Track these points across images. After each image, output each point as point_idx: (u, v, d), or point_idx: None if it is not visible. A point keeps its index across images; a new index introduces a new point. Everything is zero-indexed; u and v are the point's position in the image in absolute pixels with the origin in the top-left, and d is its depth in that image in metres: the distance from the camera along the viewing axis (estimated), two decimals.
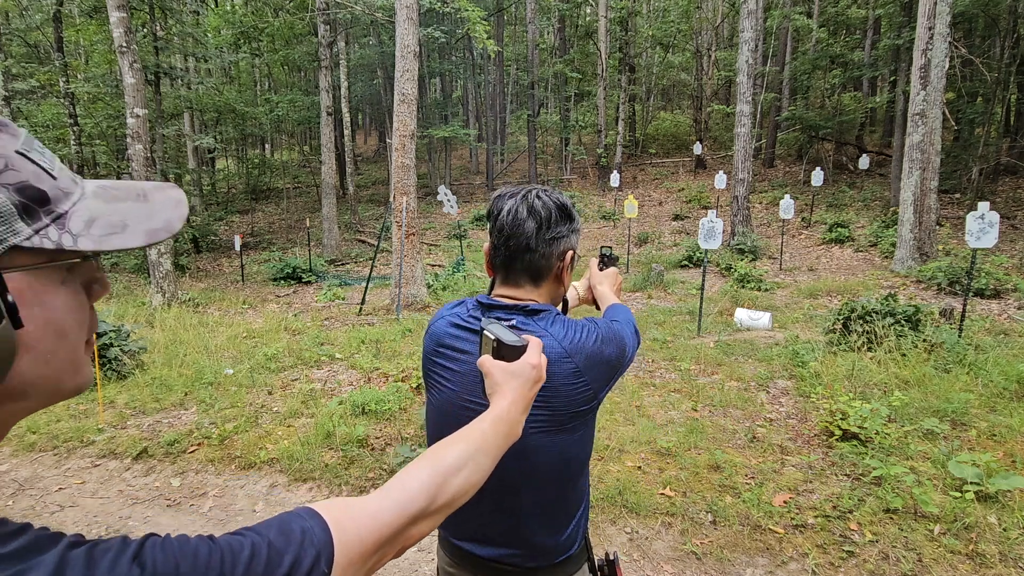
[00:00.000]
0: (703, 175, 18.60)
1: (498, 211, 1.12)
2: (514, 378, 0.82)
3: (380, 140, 27.07)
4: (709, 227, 6.78)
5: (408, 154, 8.23)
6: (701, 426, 4.03)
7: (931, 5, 9.35)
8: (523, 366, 0.83)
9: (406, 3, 7.82)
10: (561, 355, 1.03)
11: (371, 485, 3.38)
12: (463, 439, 0.73)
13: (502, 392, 0.81)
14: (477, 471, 0.71)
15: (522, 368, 0.82)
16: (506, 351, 0.84)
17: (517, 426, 0.79)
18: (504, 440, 0.76)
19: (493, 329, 0.87)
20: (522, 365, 0.83)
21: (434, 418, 1.17)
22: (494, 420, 0.76)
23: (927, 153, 9.92)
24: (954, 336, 5.20)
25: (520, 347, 0.84)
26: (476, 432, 0.74)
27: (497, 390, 0.82)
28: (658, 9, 27.61)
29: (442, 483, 0.66)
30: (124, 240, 0.49)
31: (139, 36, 13.71)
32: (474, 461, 0.71)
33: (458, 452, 0.70)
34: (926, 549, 2.68)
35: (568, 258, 1.14)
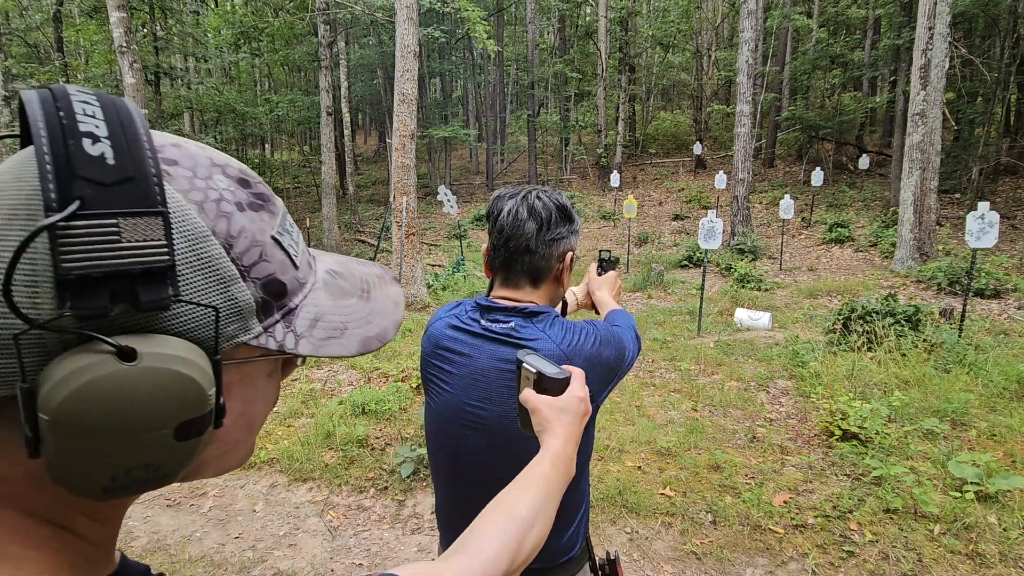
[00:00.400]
0: (703, 175, 18.59)
1: (498, 212, 1.11)
2: (564, 414, 0.78)
3: (380, 140, 27.08)
4: (709, 227, 6.78)
5: (408, 154, 8.23)
6: (701, 426, 4.03)
7: (931, 5, 9.35)
8: (572, 400, 0.80)
9: (406, 3, 7.82)
10: (559, 358, 1.03)
11: (371, 485, 3.38)
12: (529, 487, 0.70)
13: (553, 430, 0.77)
14: (548, 520, 0.69)
15: (571, 403, 0.79)
16: (548, 383, 0.80)
17: (572, 463, 0.77)
18: (564, 480, 0.74)
19: (532, 361, 0.83)
20: (570, 400, 0.80)
21: (433, 420, 1.17)
22: (553, 461, 0.74)
23: (927, 153, 9.92)
24: (954, 336, 5.19)
25: (563, 379, 0.81)
26: (540, 477, 0.71)
27: (547, 427, 0.78)
28: (658, 9, 27.61)
29: (521, 539, 0.64)
30: (340, 347, 0.45)
31: (139, 36, 13.71)
32: (545, 510, 0.69)
33: (530, 503, 0.68)
34: (926, 549, 2.68)
35: (568, 259, 1.14)
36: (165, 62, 15.40)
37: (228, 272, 0.38)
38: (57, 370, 0.32)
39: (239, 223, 0.39)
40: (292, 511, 3.16)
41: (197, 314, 0.36)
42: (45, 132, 0.32)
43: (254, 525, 3.03)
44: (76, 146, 0.32)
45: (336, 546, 2.86)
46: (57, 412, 0.31)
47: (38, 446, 0.32)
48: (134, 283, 0.33)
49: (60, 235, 0.31)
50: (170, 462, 0.37)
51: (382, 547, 2.86)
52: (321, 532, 2.96)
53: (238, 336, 0.39)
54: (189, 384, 0.35)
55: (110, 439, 0.33)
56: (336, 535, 2.94)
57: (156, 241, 0.33)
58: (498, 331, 1.08)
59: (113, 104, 0.35)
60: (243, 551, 2.80)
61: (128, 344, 0.33)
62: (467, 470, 1.13)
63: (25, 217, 0.32)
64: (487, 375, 1.07)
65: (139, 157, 0.34)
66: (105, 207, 0.32)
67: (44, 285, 0.32)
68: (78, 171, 0.31)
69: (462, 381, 1.10)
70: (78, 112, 0.33)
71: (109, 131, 0.33)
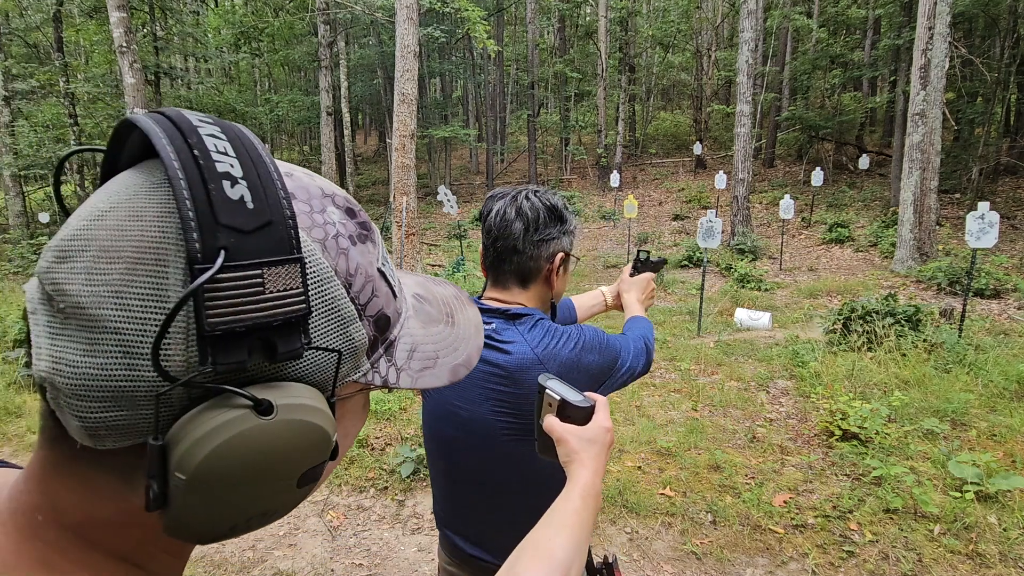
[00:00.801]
0: (703, 175, 18.59)
1: (488, 212, 1.11)
2: (593, 445, 0.77)
3: (380, 140, 27.07)
4: (708, 226, 6.79)
5: (408, 154, 8.23)
6: (701, 426, 4.03)
7: (931, 5, 9.35)
8: (599, 431, 0.78)
9: (406, 3, 7.82)
10: (533, 362, 1.02)
11: (371, 485, 3.38)
12: (563, 525, 0.69)
13: (582, 461, 0.75)
14: (583, 559, 0.68)
15: (598, 433, 0.78)
16: (572, 411, 0.79)
17: (600, 497, 0.75)
18: (594, 514, 0.73)
19: (555, 387, 0.81)
20: (598, 430, 0.78)
21: (429, 421, 1.18)
22: (584, 496, 0.72)
23: (927, 153, 9.92)
24: (954, 336, 5.19)
25: (588, 408, 0.79)
26: (572, 515, 0.70)
27: (575, 459, 0.76)
28: (658, 9, 27.61)
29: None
30: (433, 378, 0.44)
31: (139, 36, 13.71)
32: (581, 550, 0.68)
33: (566, 545, 0.66)
34: (926, 549, 2.68)
35: (558, 260, 1.12)
36: (165, 62, 15.41)
37: (348, 313, 0.37)
38: (194, 427, 0.30)
39: (355, 259, 0.38)
40: (292, 511, 3.16)
41: (319, 358, 0.35)
42: (183, 174, 0.30)
43: None
44: (217, 190, 0.30)
45: (336, 546, 2.86)
46: (196, 471, 0.30)
47: (164, 502, 0.31)
48: (272, 334, 0.31)
49: (207, 289, 0.29)
50: (287, 506, 0.36)
51: (382, 547, 2.86)
52: (321, 532, 2.96)
53: (350, 375, 0.39)
54: (319, 433, 0.34)
55: (241, 495, 0.32)
56: (336, 535, 2.94)
57: (295, 289, 0.32)
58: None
59: (238, 137, 0.33)
60: (243, 551, 2.80)
61: (261, 395, 0.32)
62: (459, 471, 1.14)
63: (154, 263, 0.30)
64: (469, 376, 1.07)
65: (275, 199, 0.32)
66: (248, 257, 0.30)
67: (185, 340, 0.30)
68: (221, 219, 0.30)
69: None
70: (211, 148, 0.31)
71: (244, 170, 0.32)
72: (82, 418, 0.30)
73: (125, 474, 0.33)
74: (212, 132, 0.32)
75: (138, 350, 0.30)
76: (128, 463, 0.33)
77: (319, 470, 0.36)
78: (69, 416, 0.30)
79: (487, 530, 1.14)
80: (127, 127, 0.34)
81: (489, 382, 1.05)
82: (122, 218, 0.31)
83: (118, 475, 0.33)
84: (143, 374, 0.30)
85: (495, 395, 1.04)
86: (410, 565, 2.72)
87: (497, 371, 1.04)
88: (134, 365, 0.30)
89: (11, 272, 11.29)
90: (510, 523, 1.11)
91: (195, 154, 0.30)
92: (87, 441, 0.31)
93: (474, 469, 1.11)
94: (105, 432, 0.30)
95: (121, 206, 0.31)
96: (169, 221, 0.31)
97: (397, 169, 8.31)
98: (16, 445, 4.02)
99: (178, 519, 0.31)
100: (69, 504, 0.34)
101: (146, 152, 0.35)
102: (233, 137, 0.33)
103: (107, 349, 0.29)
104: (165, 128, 0.31)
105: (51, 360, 0.30)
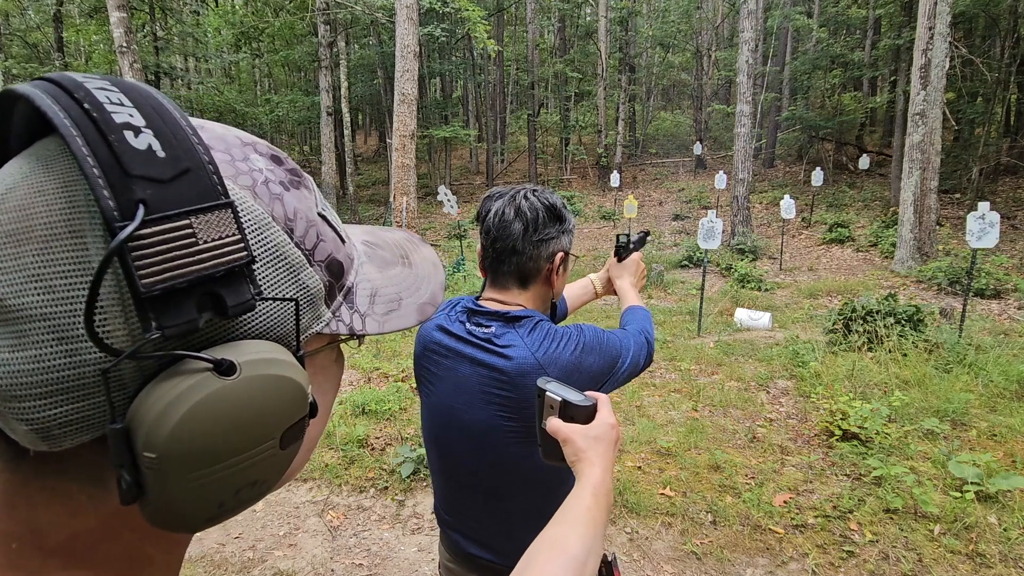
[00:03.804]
0: (703, 175, 18.59)
1: (486, 212, 1.10)
2: (599, 443, 0.76)
3: (380, 140, 27.06)
4: (708, 227, 6.78)
5: (408, 154, 8.23)
6: (701, 426, 4.03)
7: (931, 5, 9.35)
8: (605, 428, 0.78)
9: (406, 3, 7.82)
10: (534, 367, 1.01)
11: (371, 485, 3.38)
12: (577, 522, 0.68)
13: (590, 460, 0.75)
14: (598, 556, 0.68)
15: (604, 430, 0.77)
16: (574, 411, 0.78)
17: (612, 493, 0.75)
18: (607, 512, 0.72)
19: (555, 388, 0.81)
20: (603, 427, 0.78)
21: (428, 421, 1.17)
22: (595, 493, 0.71)
23: (927, 153, 9.92)
24: (954, 336, 5.19)
25: (590, 407, 0.79)
26: (585, 512, 0.70)
27: (583, 457, 0.75)
28: (658, 9, 27.61)
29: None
30: (400, 320, 0.42)
31: (139, 36, 13.71)
32: (595, 546, 0.67)
33: (581, 541, 0.66)
34: (926, 549, 2.68)
35: (558, 260, 1.11)
36: (165, 62, 15.41)
37: (296, 259, 0.35)
38: (154, 401, 0.28)
39: (291, 204, 0.36)
40: (292, 511, 3.16)
41: (275, 310, 0.33)
42: (76, 130, 0.27)
43: (254, 525, 3.03)
44: (120, 141, 0.27)
45: (336, 546, 2.86)
46: (166, 447, 0.28)
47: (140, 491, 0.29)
48: (216, 287, 0.29)
49: (133, 248, 0.26)
50: (274, 473, 0.34)
51: (382, 547, 2.86)
52: (321, 532, 2.96)
53: (312, 326, 0.37)
54: (291, 386, 0.32)
55: (222, 464, 0.30)
56: (336, 535, 2.94)
57: (231, 236, 0.29)
58: (480, 336, 1.06)
59: (135, 88, 0.30)
60: (243, 551, 2.80)
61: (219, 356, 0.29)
62: (457, 471, 1.14)
63: (68, 235, 0.27)
64: (469, 380, 1.06)
65: (188, 145, 0.29)
66: (172, 207, 0.28)
67: (123, 309, 0.28)
68: (132, 170, 0.27)
69: (447, 384, 1.09)
70: (102, 100, 0.28)
71: (145, 119, 0.29)
72: (29, 420, 0.27)
73: (96, 476, 0.31)
74: (101, 86, 0.29)
75: (73, 332, 0.27)
76: (95, 463, 0.30)
77: (300, 427, 0.34)
78: (13, 422, 0.28)
79: (487, 529, 1.14)
80: (7, 102, 0.30)
81: (491, 386, 1.04)
82: (21, 197, 0.28)
83: (89, 479, 0.31)
84: (85, 356, 0.27)
85: (497, 399, 1.04)
86: (410, 565, 2.73)
87: (499, 376, 1.03)
88: (73, 350, 0.27)
89: None
90: (510, 522, 1.11)
91: (85, 107, 0.27)
92: (41, 446, 0.28)
93: (474, 470, 1.11)
94: (58, 430, 0.28)
95: (19, 186, 0.29)
96: (76, 189, 0.28)
97: (397, 169, 8.32)
98: None
99: (159, 506, 0.29)
100: (48, 525, 0.31)
101: (38, 127, 0.31)
102: (128, 88, 0.30)
103: (38, 338, 0.27)
104: (47, 90, 0.28)
105: None
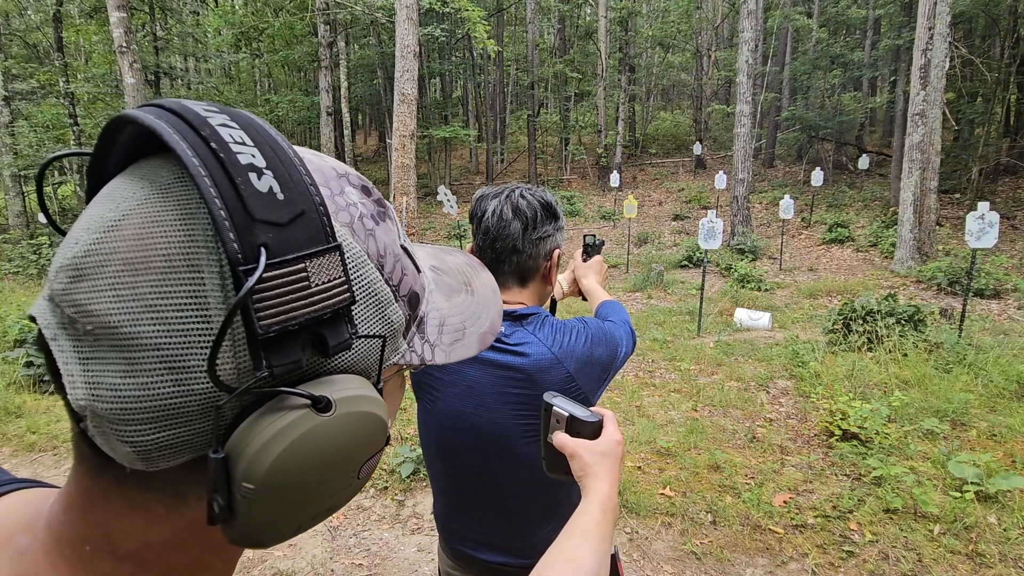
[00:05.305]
0: (703, 175, 18.58)
1: (482, 213, 1.09)
2: (607, 458, 0.77)
3: (380, 140, 27.06)
4: (709, 227, 6.78)
5: (408, 154, 8.23)
6: (701, 426, 4.03)
7: (931, 5, 9.35)
8: (611, 445, 0.79)
9: (406, 3, 7.82)
10: (552, 361, 1.01)
11: (370, 485, 3.38)
12: (586, 536, 0.69)
13: (597, 475, 0.76)
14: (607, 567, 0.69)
15: (611, 447, 0.79)
16: (581, 427, 0.80)
17: (617, 509, 0.76)
18: (613, 525, 0.73)
19: (562, 404, 0.82)
20: (610, 443, 0.79)
21: (428, 428, 1.16)
22: (603, 509, 0.73)
23: (927, 153, 9.92)
24: (954, 336, 5.19)
25: (597, 422, 0.80)
26: (594, 528, 0.71)
27: (589, 472, 0.76)
28: (658, 9, 27.60)
29: None
30: (464, 349, 0.43)
31: (139, 36, 13.72)
32: (604, 561, 0.68)
33: (591, 555, 0.67)
34: (926, 549, 2.68)
35: (555, 257, 1.12)
36: (165, 62, 15.41)
37: (386, 296, 0.35)
38: (256, 434, 0.29)
39: (382, 239, 0.36)
40: None
41: (365, 347, 0.34)
42: (204, 170, 0.27)
43: None
44: (245, 184, 0.28)
45: (336, 546, 2.86)
46: (265, 479, 0.29)
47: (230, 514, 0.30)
48: (321, 328, 0.30)
49: (254, 291, 0.27)
50: (347, 499, 0.35)
51: (382, 547, 2.86)
52: (321, 532, 2.96)
53: (391, 358, 0.37)
54: (377, 422, 0.33)
55: (308, 495, 0.31)
56: (336, 535, 2.94)
57: (339, 279, 0.30)
58: None
59: (252, 124, 0.31)
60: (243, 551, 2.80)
61: (315, 392, 0.30)
62: (464, 477, 1.13)
63: (187, 269, 0.28)
64: (480, 383, 1.06)
65: (302, 186, 0.30)
66: (289, 251, 0.28)
67: (233, 347, 0.28)
68: (256, 214, 0.27)
69: (455, 389, 1.09)
70: (228, 139, 0.29)
71: (266, 160, 0.29)
72: (132, 442, 0.28)
73: (178, 491, 0.32)
74: (223, 121, 0.30)
75: (184, 363, 0.28)
76: (179, 479, 0.31)
77: (377, 458, 0.36)
78: (116, 442, 0.29)
79: (501, 531, 1.13)
80: (118, 125, 0.31)
81: (507, 386, 1.03)
82: (139, 225, 0.28)
83: (170, 493, 0.32)
84: (193, 387, 0.28)
85: (514, 398, 1.03)
86: (410, 565, 2.72)
87: (515, 374, 1.03)
88: (182, 380, 0.28)
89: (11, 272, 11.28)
90: (525, 521, 1.11)
91: (212, 147, 0.28)
92: (139, 465, 0.29)
93: (479, 472, 1.10)
94: (158, 453, 0.29)
95: (134, 212, 0.29)
96: (194, 223, 0.28)
97: (397, 169, 8.31)
98: (16, 445, 4.01)
99: (245, 528, 0.30)
100: (122, 533, 0.32)
101: (140, 151, 0.32)
102: (246, 124, 0.31)
103: (149, 367, 0.28)
104: (171, 122, 0.29)
105: (88, 387, 0.28)
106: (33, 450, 3.97)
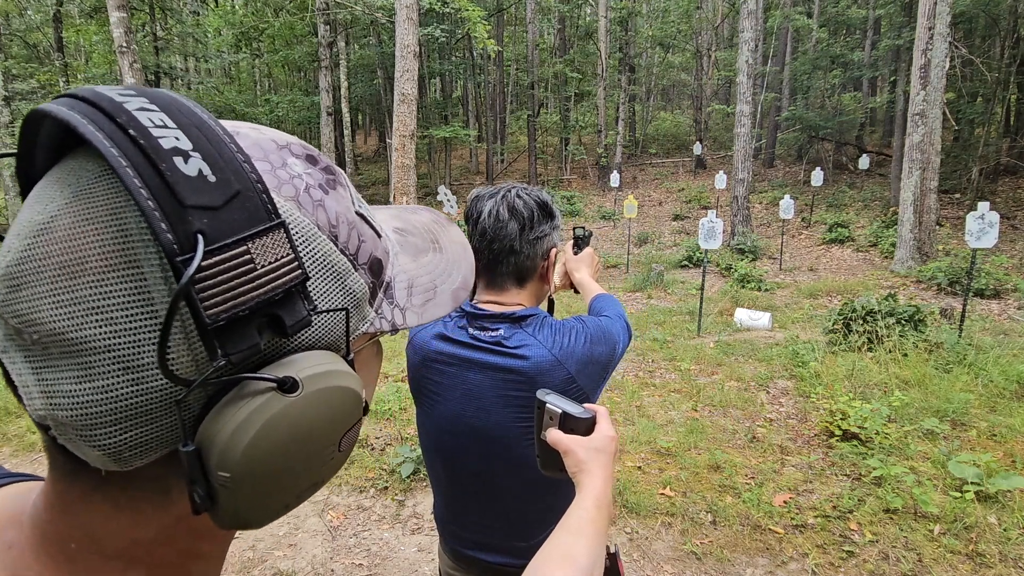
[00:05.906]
0: (703, 175, 18.59)
1: (478, 213, 1.08)
2: (600, 454, 0.77)
3: (380, 140, 27.06)
4: (709, 227, 6.78)
5: (408, 154, 8.23)
6: (701, 426, 4.03)
7: (931, 5, 9.35)
8: (605, 440, 0.79)
9: (406, 3, 7.82)
10: (552, 363, 1.01)
11: (371, 485, 3.38)
12: (581, 533, 0.70)
13: (591, 471, 0.76)
14: (602, 564, 0.69)
15: (605, 443, 0.78)
16: (574, 423, 0.80)
17: (612, 505, 0.76)
18: (608, 521, 0.73)
19: (554, 400, 0.82)
20: (603, 440, 0.79)
21: (429, 431, 1.15)
22: (598, 505, 0.73)
23: (927, 153, 9.92)
24: (954, 336, 5.19)
25: (590, 419, 0.80)
26: (588, 524, 0.71)
27: (583, 468, 0.76)
28: (658, 9, 27.59)
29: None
30: (437, 308, 0.42)
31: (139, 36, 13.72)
32: (600, 557, 0.68)
33: (587, 551, 0.67)
34: (926, 549, 2.68)
35: (553, 256, 1.11)
36: (165, 62, 15.41)
37: (342, 266, 0.35)
38: (224, 423, 0.29)
39: (333, 209, 0.35)
40: (292, 511, 3.16)
41: (327, 320, 0.33)
42: (125, 160, 0.26)
43: None
44: (171, 169, 0.26)
45: (336, 546, 2.86)
46: (239, 466, 0.29)
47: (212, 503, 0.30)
48: (275, 309, 0.29)
49: (195, 280, 0.26)
50: (332, 472, 0.36)
51: (382, 547, 2.86)
52: (321, 532, 2.96)
53: (359, 328, 0.37)
54: (349, 394, 0.33)
55: (289, 474, 0.32)
56: (336, 535, 2.94)
57: (287, 257, 0.29)
58: (487, 340, 1.05)
59: (173, 103, 0.29)
60: (243, 551, 2.80)
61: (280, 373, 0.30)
62: (466, 479, 1.12)
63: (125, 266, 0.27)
64: (480, 385, 1.05)
65: (235, 164, 0.29)
66: (228, 235, 0.27)
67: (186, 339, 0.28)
68: (187, 200, 0.26)
69: (455, 392, 1.08)
70: (147, 124, 0.27)
71: (192, 141, 0.28)
72: (100, 445, 0.28)
73: (158, 485, 0.32)
74: (141, 105, 0.28)
75: (137, 362, 0.27)
76: (158, 474, 0.31)
77: (356, 429, 0.36)
78: (85, 447, 0.29)
79: (490, 533, 1.14)
80: (35, 120, 0.29)
81: (508, 389, 1.03)
82: (69, 226, 0.27)
83: (151, 489, 0.32)
84: (151, 384, 0.28)
85: (515, 401, 1.03)
86: (410, 565, 2.72)
87: (516, 377, 1.02)
88: (138, 379, 0.28)
89: None
90: (526, 521, 1.11)
91: (131, 134, 0.26)
92: (112, 466, 0.29)
93: (479, 474, 1.10)
94: (129, 453, 0.29)
95: (63, 213, 0.28)
96: (125, 216, 0.27)
97: (397, 169, 8.32)
98: (16, 445, 4.02)
99: (231, 514, 0.31)
100: (107, 533, 0.32)
101: (63, 146, 0.31)
102: (167, 106, 0.29)
103: (103, 370, 0.27)
104: (85, 112, 0.27)
105: (44, 396, 0.28)
106: (33, 450, 3.97)
